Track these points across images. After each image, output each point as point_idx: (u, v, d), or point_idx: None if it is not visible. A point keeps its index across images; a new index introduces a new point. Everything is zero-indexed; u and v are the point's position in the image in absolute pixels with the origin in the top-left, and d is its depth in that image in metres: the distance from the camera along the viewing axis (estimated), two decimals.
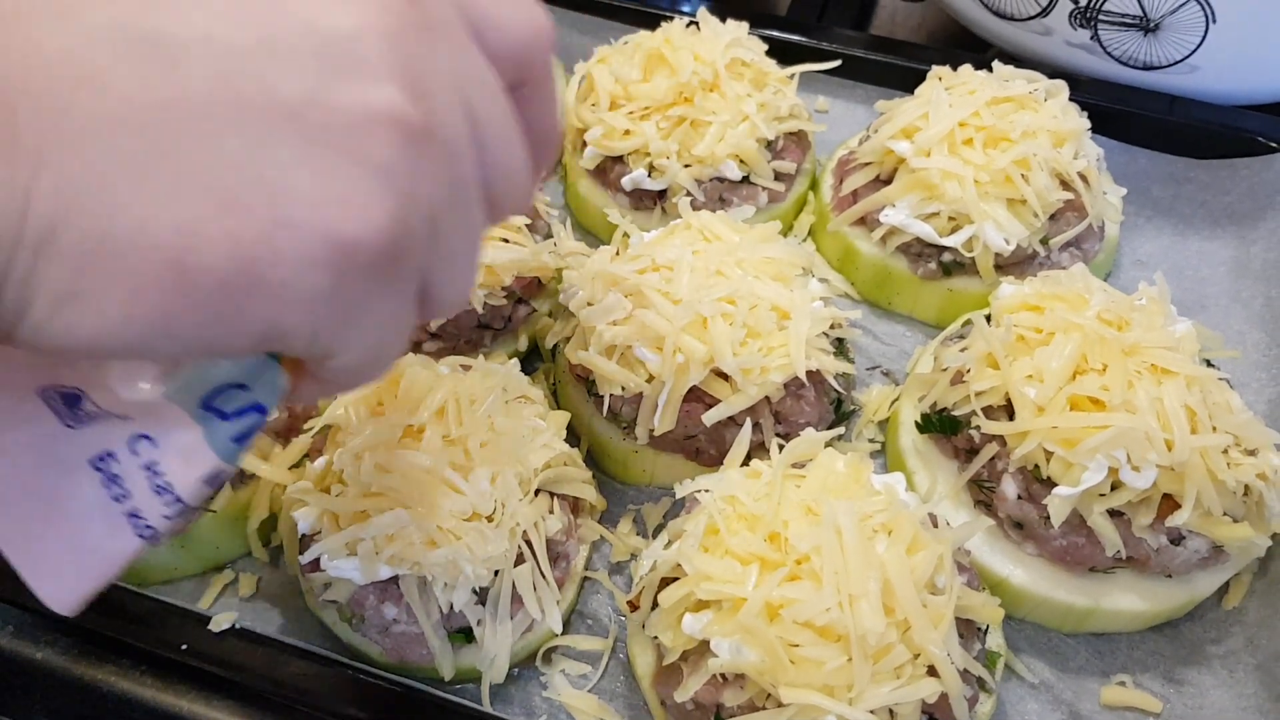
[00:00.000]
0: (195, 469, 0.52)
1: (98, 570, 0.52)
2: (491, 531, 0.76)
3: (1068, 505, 0.80)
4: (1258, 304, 1.06)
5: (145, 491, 0.51)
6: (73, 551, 0.51)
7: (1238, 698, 0.82)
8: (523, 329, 1.02)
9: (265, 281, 0.41)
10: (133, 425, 0.51)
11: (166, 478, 0.51)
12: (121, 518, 0.51)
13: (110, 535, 0.51)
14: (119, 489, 0.50)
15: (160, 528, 0.52)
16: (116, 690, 0.84)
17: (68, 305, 0.39)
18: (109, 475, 0.50)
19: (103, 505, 0.50)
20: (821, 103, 1.28)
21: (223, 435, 0.52)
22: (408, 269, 0.46)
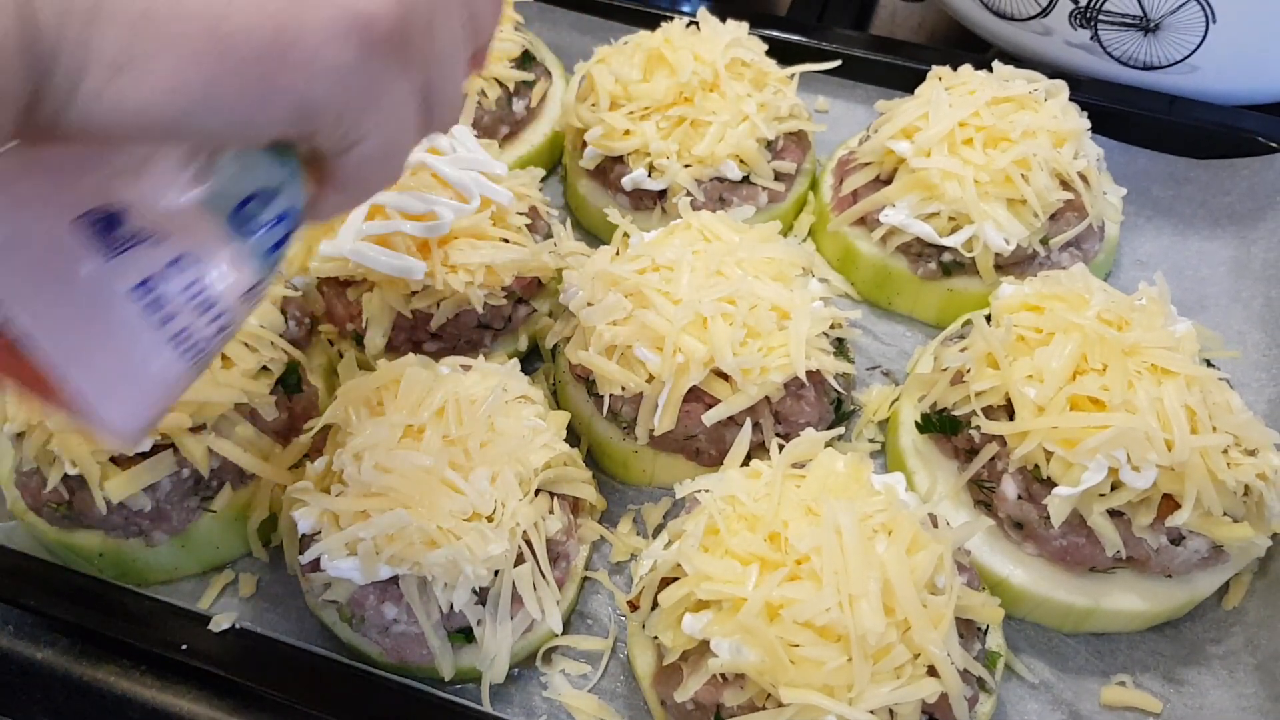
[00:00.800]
0: (236, 283, 0.54)
1: (156, 395, 0.53)
2: (491, 531, 0.76)
3: (1068, 505, 0.80)
4: (1258, 304, 1.06)
5: (190, 312, 0.52)
6: (129, 380, 0.52)
7: (1238, 698, 0.82)
8: (523, 329, 1.02)
9: (296, 48, 0.44)
10: (170, 248, 0.52)
11: (208, 294, 0.53)
12: (170, 340, 0.52)
13: (163, 358, 0.52)
14: (163, 313, 0.51)
15: (208, 345, 0.54)
16: (116, 690, 0.84)
17: (121, 73, 0.41)
18: (151, 301, 0.51)
19: (150, 330, 0.51)
20: (821, 103, 1.28)
21: (258, 247, 0.54)
22: (415, 56, 0.50)
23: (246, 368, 0.85)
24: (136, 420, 0.53)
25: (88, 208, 0.50)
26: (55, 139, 0.44)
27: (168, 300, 0.52)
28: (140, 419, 0.53)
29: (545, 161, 1.22)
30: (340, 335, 0.99)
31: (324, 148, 0.52)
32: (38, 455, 0.83)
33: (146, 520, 0.84)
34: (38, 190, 0.49)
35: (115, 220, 0.51)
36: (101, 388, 0.51)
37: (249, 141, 0.52)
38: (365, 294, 0.95)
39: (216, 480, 0.87)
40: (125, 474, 0.81)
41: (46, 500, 0.84)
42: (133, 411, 0.53)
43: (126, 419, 0.52)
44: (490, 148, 1.02)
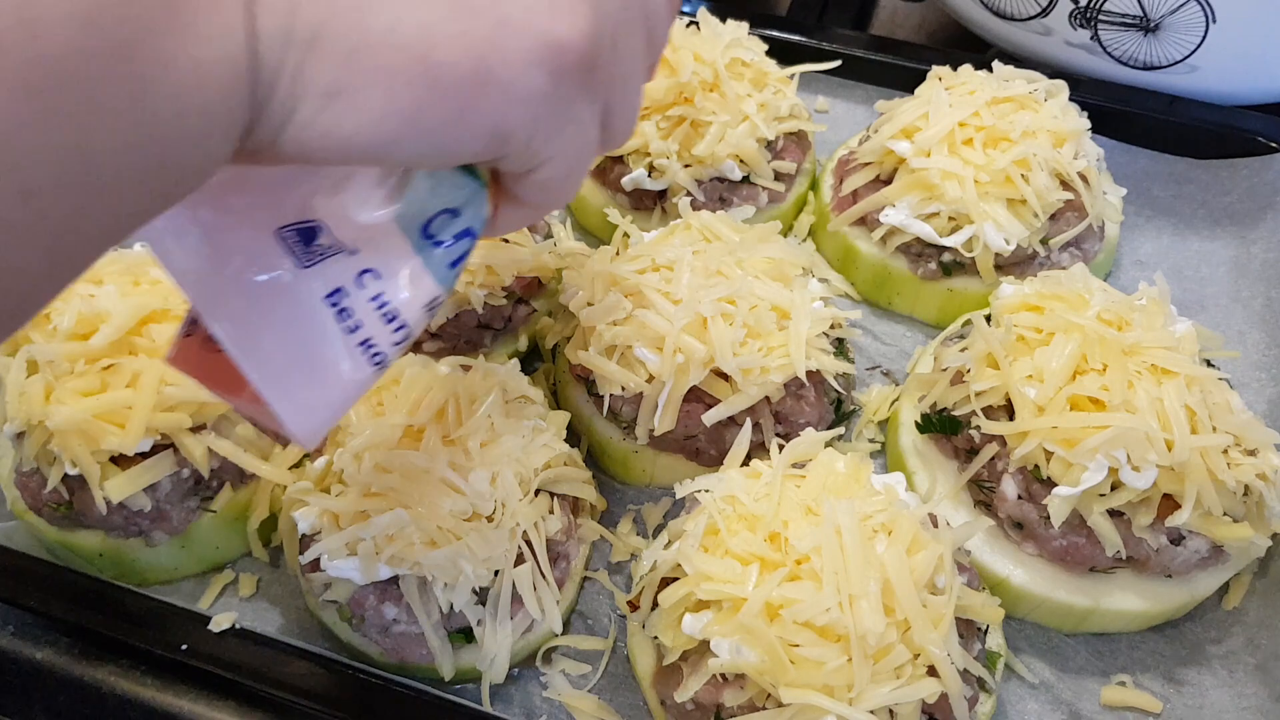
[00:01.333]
0: (418, 296, 0.56)
1: (339, 399, 0.56)
2: (491, 531, 0.76)
3: (1068, 505, 0.80)
4: (1258, 304, 1.06)
5: (375, 321, 0.55)
6: (316, 383, 0.54)
7: (1238, 698, 0.82)
8: (523, 329, 1.02)
9: (495, 77, 0.46)
10: (359, 260, 0.55)
11: (393, 306, 0.56)
12: (356, 348, 0.55)
13: (348, 364, 0.55)
14: (351, 321, 0.55)
15: (389, 354, 0.56)
16: (116, 690, 0.84)
17: (334, 101, 0.43)
18: (341, 309, 0.54)
19: (339, 337, 0.54)
20: (821, 103, 1.28)
21: (440, 262, 0.57)
22: (601, 79, 0.52)
23: None
24: (317, 422, 0.55)
25: (290, 221, 0.53)
26: (266, 160, 0.46)
27: (356, 309, 0.55)
28: (321, 422, 0.55)
29: None
30: None
31: (511, 168, 0.54)
32: (38, 455, 0.83)
33: (146, 520, 0.84)
34: (246, 203, 0.52)
35: (313, 233, 0.54)
36: (288, 389, 0.53)
37: (446, 164, 0.54)
38: None
39: (216, 480, 0.87)
40: (125, 474, 0.81)
41: (46, 500, 0.84)
42: (315, 413, 0.55)
43: (308, 421, 0.55)
44: None
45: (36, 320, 0.85)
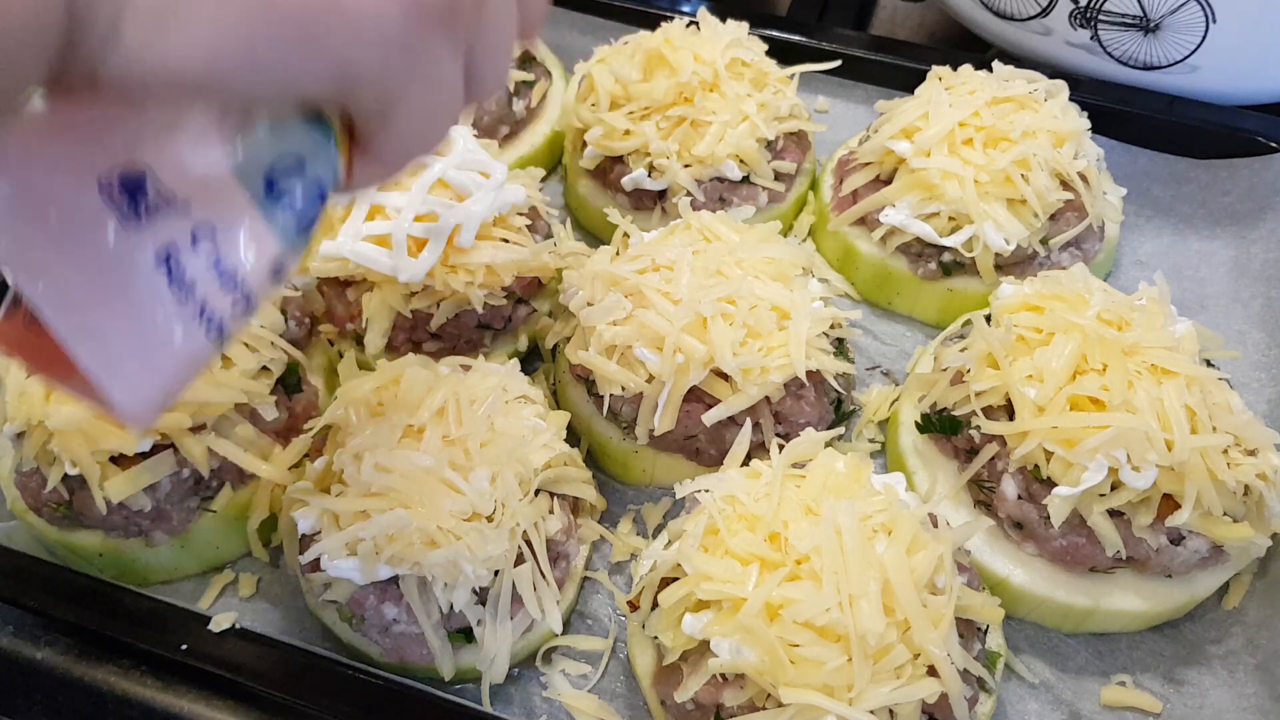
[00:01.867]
0: (260, 257, 0.51)
1: (172, 374, 0.51)
2: (491, 531, 0.76)
3: (1068, 505, 0.80)
4: (1258, 304, 1.06)
5: (210, 285, 0.50)
6: (147, 356, 0.49)
7: (1238, 698, 0.82)
8: (523, 329, 1.02)
9: (342, 8, 0.43)
10: (193, 217, 0.49)
11: (232, 268, 0.50)
12: (189, 315, 0.50)
13: (181, 334, 0.50)
14: (184, 285, 0.49)
15: (229, 324, 0.51)
16: (116, 690, 0.84)
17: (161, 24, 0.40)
18: (173, 272, 0.49)
19: (171, 304, 0.49)
20: (821, 103, 1.28)
21: (286, 222, 0.52)
22: (464, 20, 0.49)
23: (246, 368, 0.85)
24: (149, 399, 0.50)
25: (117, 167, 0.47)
26: (88, 91, 0.42)
27: (190, 271, 0.49)
28: (153, 398, 0.51)
29: (545, 161, 1.22)
30: (340, 335, 0.99)
31: (363, 114, 0.50)
32: (38, 455, 0.83)
33: (146, 520, 0.84)
34: (64, 151, 0.47)
35: (141, 185, 0.48)
36: (114, 362, 0.48)
37: (287, 102, 0.50)
38: (365, 294, 0.95)
39: (216, 480, 0.87)
40: (125, 474, 0.81)
41: (46, 500, 0.84)
42: (146, 389, 0.50)
43: (139, 398, 0.50)
44: (490, 148, 1.02)
45: None
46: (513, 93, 1.17)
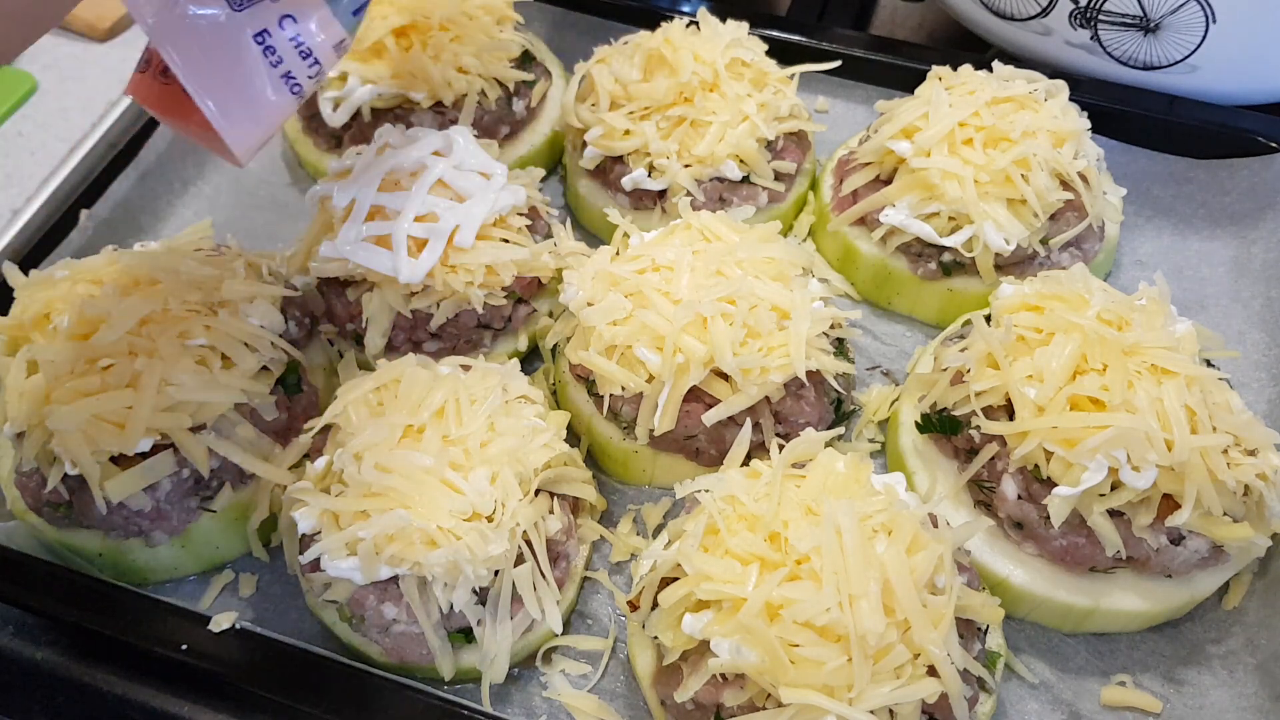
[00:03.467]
0: (329, 38, 0.74)
1: (267, 119, 0.73)
2: (491, 531, 0.76)
3: (1068, 505, 0.80)
4: (1258, 304, 1.06)
5: (294, 57, 0.73)
6: (249, 105, 0.71)
7: (1238, 698, 0.82)
8: (523, 329, 1.02)
9: None
10: (281, 7, 0.72)
11: (308, 45, 0.73)
12: (279, 79, 0.73)
13: (274, 92, 0.73)
14: (274, 57, 0.72)
15: (305, 86, 0.75)
16: (116, 690, 0.84)
17: None
18: (267, 47, 0.71)
19: (265, 69, 0.72)
20: (821, 103, 1.28)
21: (345, 8, 0.75)
22: None
23: (246, 368, 0.85)
24: (252, 139, 0.72)
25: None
26: None
27: (279, 47, 0.72)
28: (254, 138, 0.72)
29: (545, 161, 1.22)
30: (340, 335, 0.99)
31: None
32: (38, 455, 0.83)
33: (146, 520, 0.84)
34: None
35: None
36: (228, 109, 0.69)
37: None
38: (365, 294, 0.95)
39: (216, 480, 0.87)
40: (125, 474, 0.81)
41: (46, 500, 0.84)
42: (249, 131, 0.71)
43: (245, 137, 0.71)
44: (490, 148, 1.02)
45: (36, 320, 0.86)
46: (513, 93, 1.17)
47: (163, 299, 0.85)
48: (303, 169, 1.23)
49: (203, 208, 1.19)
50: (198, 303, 0.86)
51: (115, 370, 0.81)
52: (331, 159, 1.13)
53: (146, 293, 0.85)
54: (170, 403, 0.81)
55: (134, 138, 1.18)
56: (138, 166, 1.17)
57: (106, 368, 0.81)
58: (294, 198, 1.21)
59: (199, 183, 1.21)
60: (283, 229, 1.18)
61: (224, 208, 1.20)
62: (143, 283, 0.87)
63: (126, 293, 0.85)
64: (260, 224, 1.19)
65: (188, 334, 0.84)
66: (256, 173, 1.24)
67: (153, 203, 1.17)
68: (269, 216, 1.20)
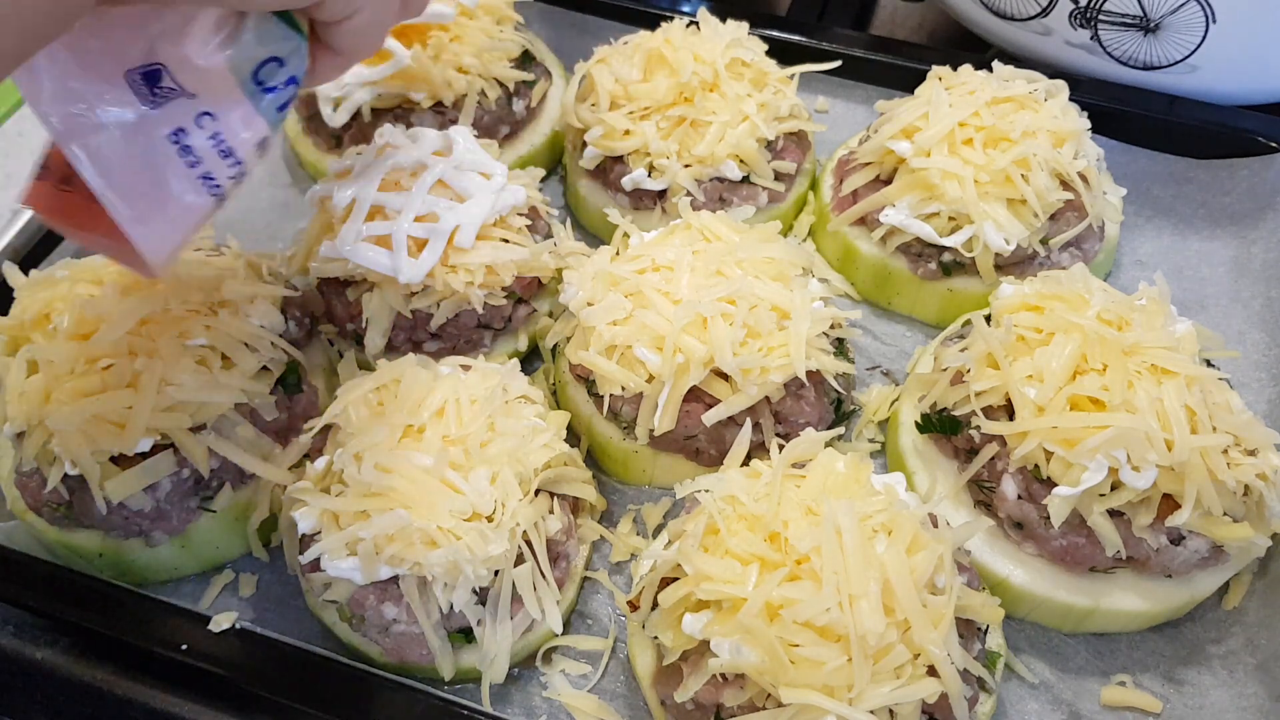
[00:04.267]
0: (250, 135, 0.68)
1: (185, 225, 0.67)
2: (491, 531, 0.76)
3: (1068, 505, 0.80)
4: (1258, 304, 1.06)
5: (213, 157, 0.66)
6: (164, 210, 0.65)
7: (1238, 698, 0.82)
8: (523, 329, 1.02)
9: None
10: (198, 103, 0.65)
11: (229, 144, 0.67)
12: (197, 180, 0.66)
13: (190, 194, 0.66)
14: (192, 157, 0.66)
15: (225, 187, 0.68)
16: (116, 690, 0.84)
17: None
18: (183, 146, 0.65)
19: (181, 171, 0.65)
20: (821, 103, 1.28)
21: (269, 105, 0.68)
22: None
23: (246, 368, 0.85)
24: (167, 246, 0.66)
25: (137, 64, 0.62)
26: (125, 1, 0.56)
27: (196, 146, 0.65)
28: (170, 246, 0.66)
29: (545, 161, 1.22)
30: (340, 335, 0.99)
31: (328, 17, 0.67)
32: (38, 455, 0.83)
33: (146, 520, 0.84)
34: (100, 46, 0.61)
35: (158, 76, 0.63)
36: (140, 215, 0.63)
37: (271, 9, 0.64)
38: (365, 294, 0.95)
39: (216, 480, 0.87)
40: (125, 474, 0.81)
41: (46, 500, 0.84)
42: (164, 238, 0.65)
43: (159, 245, 0.65)
44: (490, 148, 1.02)
45: (36, 320, 0.86)
46: (513, 93, 1.17)
47: (163, 299, 0.85)
48: (303, 169, 1.23)
49: None
50: (198, 303, 0.86)
51: (115, 370, 0.81)
52: (331, 159, 1.13)
53: (146, 293, 0.85)
54: (170, 403, 0.81)
55: None
56: None
57: (106, 368, 0.81)
58: (294, 198, 1.21)
59: None
60: (283, 229, 1.18)
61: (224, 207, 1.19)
62: (143, 283, 0.87)
63: (126, 293, 0.85)
64: (260, 224, 1.19)
65: (188, 334, 0.84)
66: (256, 173, 1.23)
67: None
68: (269, 216, 1.20)
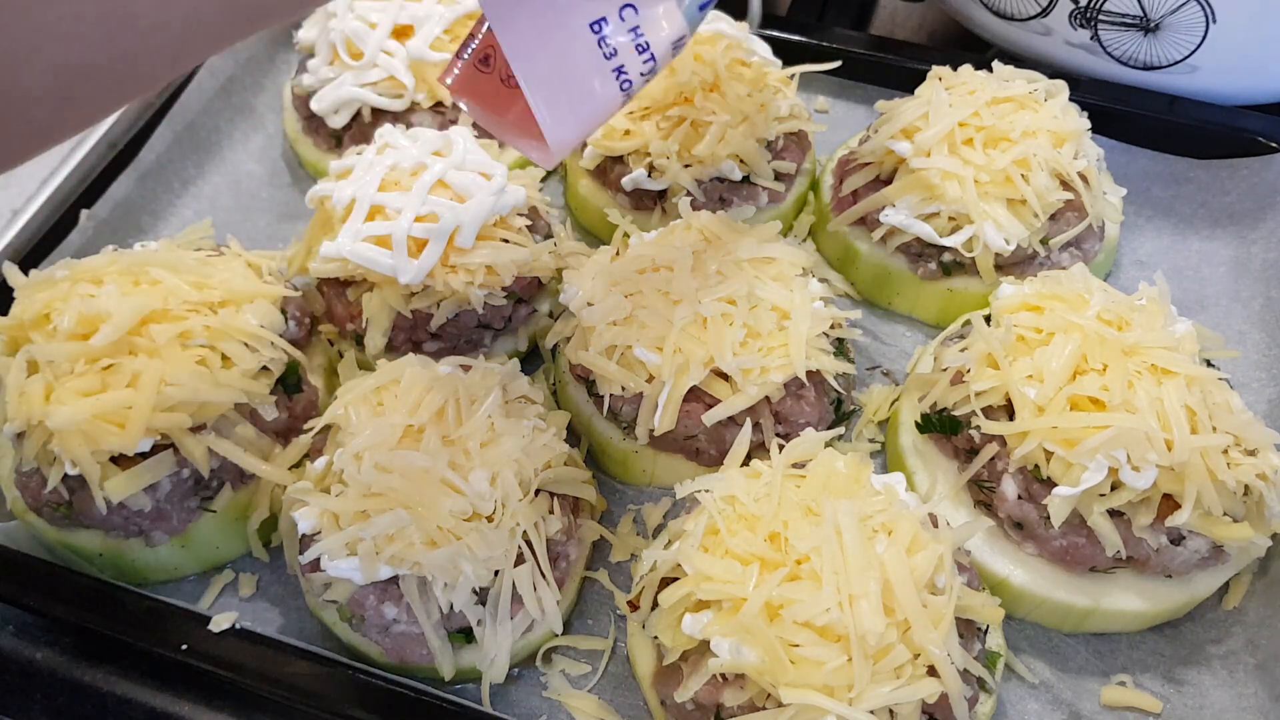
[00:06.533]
0: (669, 33, 0.67)
1: (590, 115, 0.67)
2: (491, 531, 0.76)
3: (1068, 505, 0.80)
4: (1258, 304, 1.06)
5: (629, 51, 0.66)
6: (574, 97, 0.65)
7: (1238, 698, 0.82)
8: (523, 329, 1.02)
9: None
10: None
11: (647, 38, 0.66)
12: (610, 72, 0.65)
13: (601, 85, 0.66)
14: (609, 48, 0.65)
15: (636, 82, 0.67)
16: (116, 690, 0.84)
17: None
18: (602, 37, 0.64)
19: (597, 62, 0.65)
20: (821, 103, 1.28)
21: (691, 2, 0.67)
22: None
23: (246, 368, 0.85)
24: (571, 133, 0.66)
25: None
26: None
27: (614, 38, 0.65)
28: (572, 134, 0.66)
29: None
30: (340, 335, 0.99)
31: None
32: (38, 455, 0.83)
33: (146, 520, 0.84)
34: None
35: None
36: (551, 98, 0.63)
37: None
38: (365, 294, 0.95)
39: (216, 480, 0.87)
40: (125, 474, 0.81)
41: (46, 500, 0.84)
42: (569, 125, 0.66)
43: (563, 131, 0.65)
44: (490, 148, 1.02)
45: (36, 320, 0.86)
46: None
47: (163, 299, 0.85)
48: (303, 169, 1.23)
49: (203, 208, 1.19)
50: (198, 303, 0.86)
51: (115, 370, 0.81)
52: (331, 159, 1.13)
53: (146, 293, 0.85)
54: (170, 403, 0.81)
55: (134, 138, 1.18)
56: (138, 166, 1.17)
57: (106, 368, 0.81)
58: (294, 198, 1.21)
59: (199, 183, 1.21)
60: (283, 229, 1.18)
61: (224, 208, 1.20)
62: (143, 283, 0.87)
63: (126, 293, 0.85)
64: (260, 224, 1.19)
65: (188, 334, 0.84)
66: (256, 173, 1.24)
67: (153, 203, 1.17)
68: (269, 216, 1.20)
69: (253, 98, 1.29)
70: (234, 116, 1.27)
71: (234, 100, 1.27)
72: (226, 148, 1.25)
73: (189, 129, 1.22)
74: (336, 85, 1.13)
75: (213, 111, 1.25)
